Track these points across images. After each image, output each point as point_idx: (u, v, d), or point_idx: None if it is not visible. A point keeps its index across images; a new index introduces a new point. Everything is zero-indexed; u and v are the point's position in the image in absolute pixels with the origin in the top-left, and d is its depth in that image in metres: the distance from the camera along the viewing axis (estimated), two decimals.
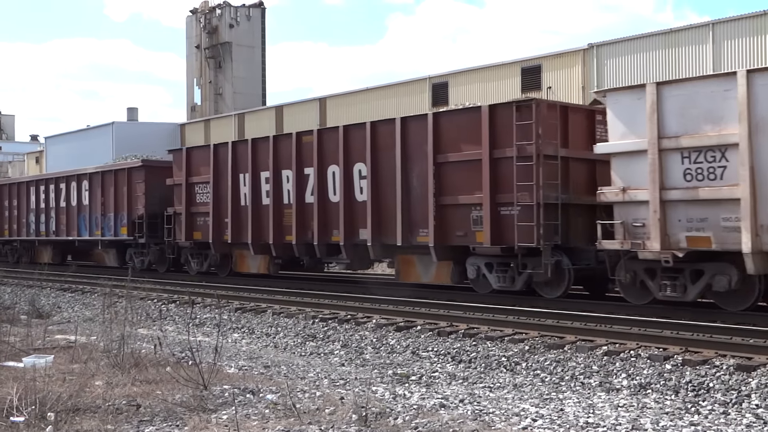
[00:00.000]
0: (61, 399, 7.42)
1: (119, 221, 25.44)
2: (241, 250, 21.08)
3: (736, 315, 12.28)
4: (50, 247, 30.03)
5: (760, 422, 7.56)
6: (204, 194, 21.86)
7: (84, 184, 27.55)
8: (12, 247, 32.31)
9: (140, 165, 25.16)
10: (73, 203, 27.99)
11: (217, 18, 64.27)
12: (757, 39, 27.17)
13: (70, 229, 28.12)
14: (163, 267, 24.49)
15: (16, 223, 31.57)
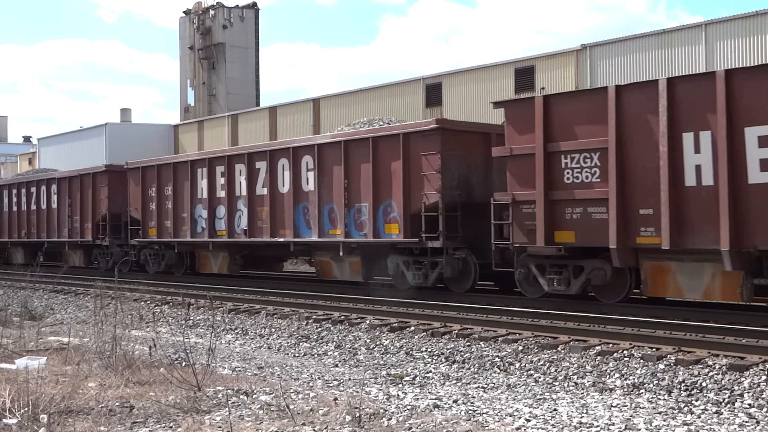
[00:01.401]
0: (54, 401, 7.40)
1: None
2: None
3: (729, 315, 12.31)
4: (225, 251, 26.98)
5: (752, 422, 7.59)
6: None
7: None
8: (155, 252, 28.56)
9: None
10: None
11: (211, 19, 64.19)
12: (750, 39, 27.25)
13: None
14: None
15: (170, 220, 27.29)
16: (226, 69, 63.46)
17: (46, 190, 29.20)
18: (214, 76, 63.95)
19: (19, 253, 31.48)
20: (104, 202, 25.73)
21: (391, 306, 15.34)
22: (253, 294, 18.41)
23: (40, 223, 29.41)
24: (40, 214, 29.51)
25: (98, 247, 26.66)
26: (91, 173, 26.77)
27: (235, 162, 20.94)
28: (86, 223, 26.58)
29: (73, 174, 28.21)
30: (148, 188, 23.84)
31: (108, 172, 26.03)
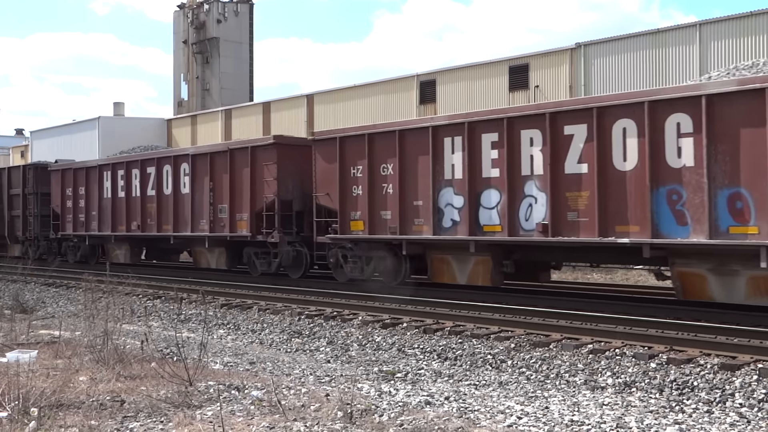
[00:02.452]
0: (45, 394, 7.37)
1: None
2: None
3: (721, 314, 12.34)
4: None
5: (743, 421, 7.60)
6: None
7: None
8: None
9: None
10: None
11: (205, 13, 64.05)
12: (744, 40, 27.30)
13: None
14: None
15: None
16: (220, 64, 63.34)
17: (172, 170, 22.76)
18: (208, 71, 63.82)
19: (121, 250, 25.61)
20: (271, 186, 19.55)
21: (384, 302, 15.32)
22: (245, 289, 18.40)
23: (162, 213, 23.03)
24: (163, 202, 23.05)
25: (255, 245, 20.49)
26: (248, 147, 20.39)
27: None
28: (240, 212, 20.42)
29: (218, 149, 21.88)
30: (350, 166, 17.48)
31: (277, 146, 19.72)
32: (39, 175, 29.16)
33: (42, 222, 28.60)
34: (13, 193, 30.65)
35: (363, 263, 17.34)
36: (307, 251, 19.25)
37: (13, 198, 30.64)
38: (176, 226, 22.58)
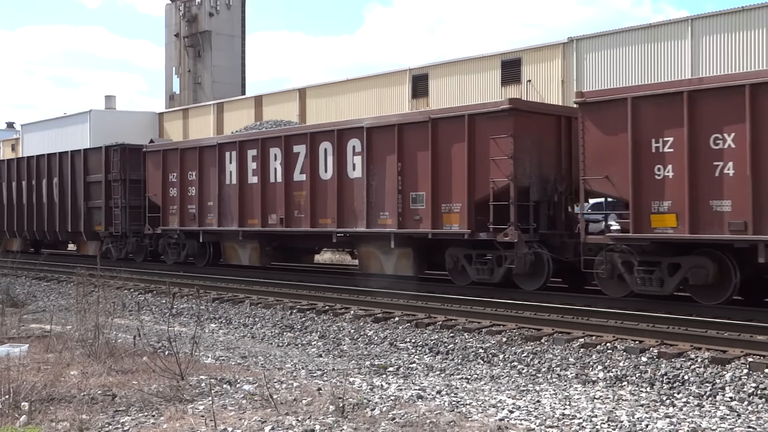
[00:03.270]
0: (36, 388, 7.36)
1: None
2: None
3: (712, 308, 12.37)
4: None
5: (733, 414, 7.63)
6: None
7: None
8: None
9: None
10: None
11: (197, 6, 63.83)
12: (736, 35, 27.36)
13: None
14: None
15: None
16: (212, 57, 63.16)
17: (335, 148, 17.96)
18: (200, 64, 63.63)
19: (246, 249, 20.95)
20: (502, 166, 14.83)
21: (376, 296, 15.33)
22: (237, 283, 18.37)
23: (318, 203, 18.42)
24: (318, 188, 18.33)
25: (467, 245, 15.77)
26: (464, 115, 15.58)
27: None
28: (448, 202, 15.70)
29: (413, 119, 17.13)
30: (651, 138, 12.84)
31: (515, 113, 14.95)
32: (127, 158, 24.41)
33: (131, 215, 24.11)
34: (91, 180, 25.82)
35: (660, 273, 12.92)
36: (548, 254, 14.85)
37: (92, 186, 25.77)
38: (341, 220, 17.82)
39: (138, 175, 24.06)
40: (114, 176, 24.52)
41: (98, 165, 25.31)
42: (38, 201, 28.30)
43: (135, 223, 24.08)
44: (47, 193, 27.76)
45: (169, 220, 22.56)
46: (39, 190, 28.26)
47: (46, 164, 27.93)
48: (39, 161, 28.56)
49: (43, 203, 27.91)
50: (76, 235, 27.15)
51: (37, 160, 28.66)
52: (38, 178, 28.27)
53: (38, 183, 28.28)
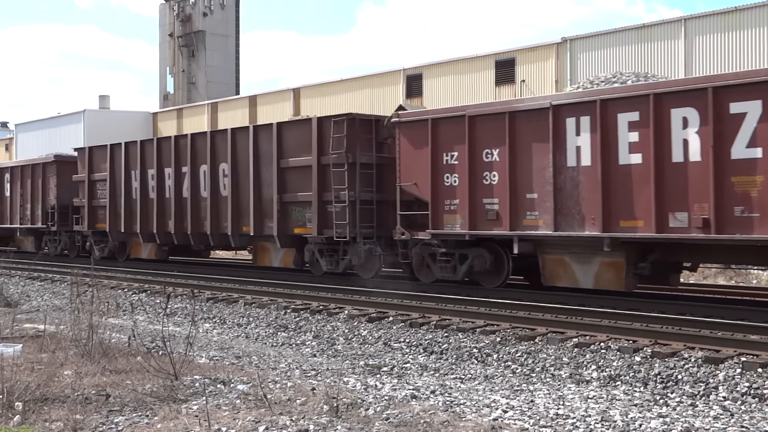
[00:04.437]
0: (30, 388, 7.35)
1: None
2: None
3: (705, 308, 12.41)
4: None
5: (727, 414, 7.66)
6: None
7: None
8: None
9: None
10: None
11: (191, 6, 63.78)
12: (729, 35, 27.44)
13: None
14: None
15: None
16: (206, 57, 63.11)
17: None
18: (194, 64, 63.57)
19: None
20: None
21: (370, 296, 15.34)
22: (231, 283, 18.37)
23: None
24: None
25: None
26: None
27: None
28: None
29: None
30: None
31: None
32: (356, 132, 17.39)
33: (363, 213, 17.30)
34: (290, 165, 18.56)
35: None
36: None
37: (292, 173, 18.56)
38: None
39: (369, 158, 17.48)
40: (336, 159, 17.34)
41: (303, 141, 18.23)
42: (193, 194, 21.32)
43: (366, 224, 17.35)
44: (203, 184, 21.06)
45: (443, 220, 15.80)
46: (196, 179, 21.22)
47: (208, 143, 20.81)
48: (195, 140, 21.43)
49: (200, 196, 21.13)
50: (250, 239, 20.22)
51: (192, 139, 21.54)
52: (194, 163, 21.28)
53: (194, 170, 21.28)
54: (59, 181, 27.12)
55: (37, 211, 28.10)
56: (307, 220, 18.17)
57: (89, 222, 25.08)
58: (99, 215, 24.85)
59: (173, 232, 21.93)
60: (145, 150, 23.10)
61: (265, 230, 19.24)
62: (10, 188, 29.99)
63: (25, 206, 28.76)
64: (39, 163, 28.54)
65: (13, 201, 29.63)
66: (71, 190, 26.56)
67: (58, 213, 26.93)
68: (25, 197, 28.90)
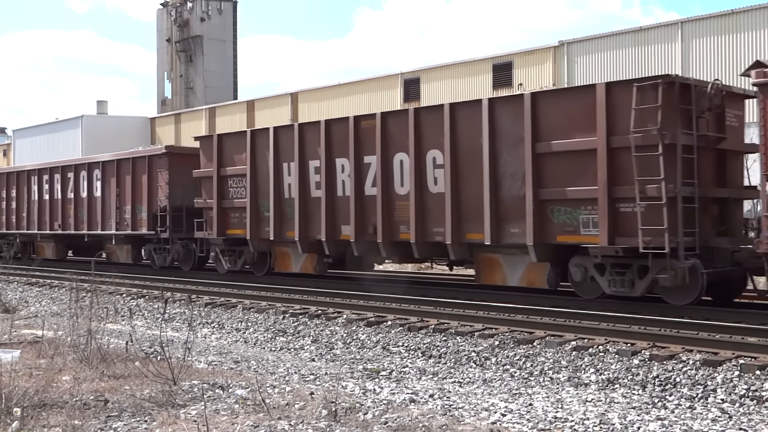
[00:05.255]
0: (28, 394, 7.34)
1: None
2: None
3: (703, 311, 12.41)
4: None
5: (725, 417, 7.66)
6: None
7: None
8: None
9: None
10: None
11: (189, 11, 63.85)
12: (725, 38, 27.49)
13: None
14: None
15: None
16: (204, 62, 63.18)
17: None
18: (192, 69, 63.63)
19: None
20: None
21: (369, 300, 15.33)
22: (229, 288, 18.35)
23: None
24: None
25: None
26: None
27: None
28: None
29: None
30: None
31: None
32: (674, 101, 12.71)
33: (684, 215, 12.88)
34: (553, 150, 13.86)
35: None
36: None
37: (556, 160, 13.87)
38: None
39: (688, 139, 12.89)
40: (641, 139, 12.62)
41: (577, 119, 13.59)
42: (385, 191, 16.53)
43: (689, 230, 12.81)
44: None
45: None
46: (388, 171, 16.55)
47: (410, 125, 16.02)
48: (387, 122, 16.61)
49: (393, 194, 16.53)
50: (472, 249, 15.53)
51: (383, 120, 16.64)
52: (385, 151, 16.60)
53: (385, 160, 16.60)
54: (171, 177, 22.33)
55: (141, 214, 23.16)
56: (581, 224, 13.52)
57: (219, 227, 20.09)
58: (232, 219, 19.92)
59: (353, 240, 16.86)
60: (306, 136, 18.04)
61: (507, 238, 14.47)
62: (101, 187, 24.81)
63: (122, 208, 23.86)
64: (143, 156, 23.52)
65: (105, 202, 24.60)
66: (185, 189, 21.85)
67: (171, 217, 22.12)
68: (122, 198, 23.91)
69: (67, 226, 26.27)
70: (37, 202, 27.84)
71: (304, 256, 18.60)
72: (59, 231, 26.75)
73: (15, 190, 29.13)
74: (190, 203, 21.45)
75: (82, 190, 25.68)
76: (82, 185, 25.73)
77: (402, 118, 16.15)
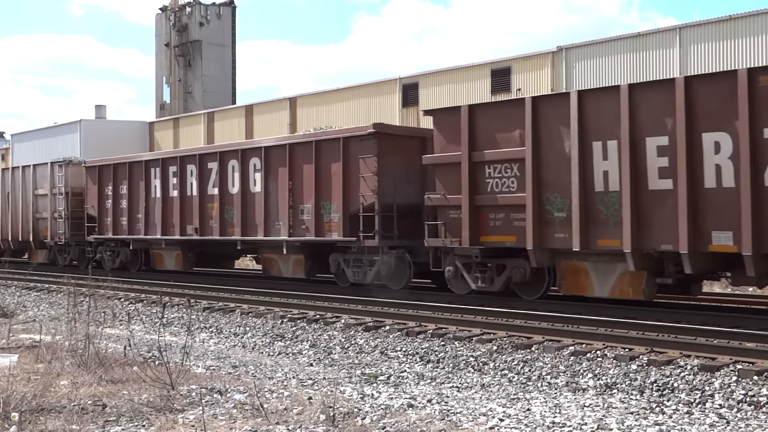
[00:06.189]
0: (26, 399, 7.34)
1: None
2: None
3: (701, 316, 12.42)
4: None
5: (723, 422, 7.66)
6: None
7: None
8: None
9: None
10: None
11: (187, 16, 63.95)
12: (723, 44, 27.55)
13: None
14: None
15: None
16: (203, 66, 63.26)
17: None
18: (190, 74, 63.69)
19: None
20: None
21: (367, 305, 15.34)
22: (227, 292, 18.35)
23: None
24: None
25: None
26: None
27: None
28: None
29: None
30: None
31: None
32: None
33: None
34: None
35: None
36: None
37: None
38: None
39: None
40: None
41: None
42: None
43: None
44: None
45: None
46: None
47: None
48: None
49: None
50: None
51: None
52: None
53: None
54: (381, 166, 16.73)
55: (329, 214, 17.55)
56: None
57: (471, 233, 14.70)
58: (490, 221, 14.60)
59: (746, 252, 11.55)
60: (640, 104, 12.69)
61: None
62: (262, 180, 19.16)
63: (298, 208, 18.24)
64: (336, 139, 17.63)
65: (269, 200, 19.01)
66: (397, 182, 16.76)
67: (380, 218, 16.60)
68: (298, 194, 18.24)
69: (208, 230, 20.70)
70: (160, 200, 22.15)
71: (628, 276, 13.09)
72: (194, 236, 21.13)
73: (126, 185, 23.42)
74: (403, 200, 16.74)
75: (230, 185, 20.12)
76: (230, 178, 20.16)
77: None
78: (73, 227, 25.41)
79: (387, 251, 16.67)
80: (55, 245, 26.26)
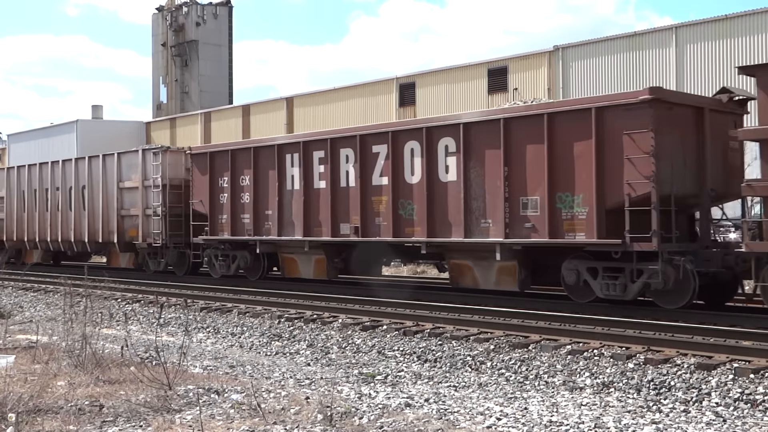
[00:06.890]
0: (23, 399, 7.33)
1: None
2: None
3: (698, 315, 12.43)
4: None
5: (719, 420, 7.68)
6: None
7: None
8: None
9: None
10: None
11: (184, 16, 63.92)
12: (719, 43, 27.59)
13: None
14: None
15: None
16: (199, 66, 63.22)
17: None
18: (187, 74, 63.65)
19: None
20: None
21: (364, 305, 15.33)
22: (224, 292, 18.33)
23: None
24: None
25: None
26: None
27: None
28: None
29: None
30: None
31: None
32: None
33: None
34: None
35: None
36: None
37: None
38: None
39: None
40: None
41: None
42: None
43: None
44: None
45: None
46: None
47: None
48: None
49: None
50: None
51: None
52: None
53: None
54: (659, 145, 12.55)
55: (572, 209, 13.41)
56: None
57: None
58: None
59: None
60: None
61: None
62: (460, 165, 15.08)
63: (518, 201, 14.17)
64: (584, 109, 13.43)
65: (469, 190, 14.99)
66: (675, 166, 12.76)
67: (658, 214, 12.51)
68: (517, 183, 14.19)
69: (373, 229, 16.73)
70: (300, 194, 18.20)
71: None
72: (352, 237, 17.14)
73: (250, 175, 19.46)
74: (680, 190, 12.95)
75: (408, 173, 16.10)
76: (408, 164, 16.08)
77: None
78: (171, 226, 21.73)
79: (666, 258, 12.70)
80: (149, 247, 22.41)
